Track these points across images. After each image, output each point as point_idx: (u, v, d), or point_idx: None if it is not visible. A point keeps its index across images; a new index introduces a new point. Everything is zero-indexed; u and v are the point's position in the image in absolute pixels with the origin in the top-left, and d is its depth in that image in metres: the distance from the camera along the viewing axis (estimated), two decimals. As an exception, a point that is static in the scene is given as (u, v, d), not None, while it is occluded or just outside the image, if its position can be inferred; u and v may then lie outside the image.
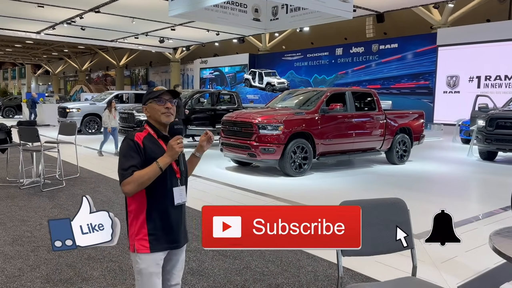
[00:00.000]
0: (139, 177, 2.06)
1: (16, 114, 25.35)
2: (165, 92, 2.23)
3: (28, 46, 40.76)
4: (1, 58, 52.38)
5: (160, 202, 2.15)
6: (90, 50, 41.03)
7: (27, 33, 26.19)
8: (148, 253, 2.14)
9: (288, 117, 7.92)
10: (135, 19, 20.54)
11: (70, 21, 22.06)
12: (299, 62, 25.00)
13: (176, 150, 2.06)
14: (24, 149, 7.05)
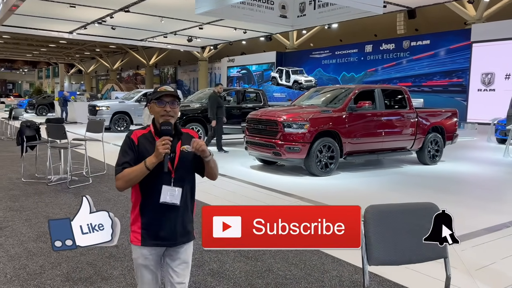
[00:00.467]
0: (128, 174, 2.13)
1: (49, 112, 26.06)
2: (166, 95, 2.21)
3: (62, 45, 41.89)
4: (36, 57, 54.10)
5: (152, 199, 2.18)
6: (121, 50, 41.77)
7: (60, 33, 26.87)
8: (138, 246, 2.23)
9: (314, 115, 7.73)
10: (163, 18, 20.72)
11: (101, 21, 22.48)
12: (327, 60, 24.61)
13: (160, 151, 2.07)
14: (52, 146, 7.15)
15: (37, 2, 18.34)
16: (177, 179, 2.20)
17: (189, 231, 2.30)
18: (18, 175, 7.52)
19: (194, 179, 2.35)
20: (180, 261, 2.30)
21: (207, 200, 6.06)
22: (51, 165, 7.38)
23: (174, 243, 2.26)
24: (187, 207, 2.28)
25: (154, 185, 2.17)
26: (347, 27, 21.74)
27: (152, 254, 2.25)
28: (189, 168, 2.26)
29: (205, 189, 6.70)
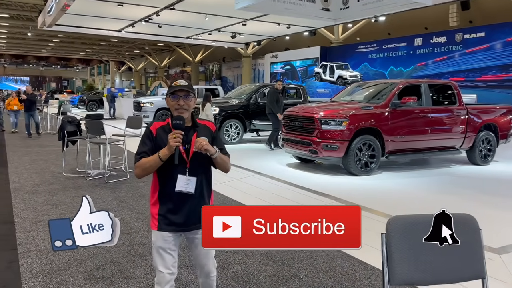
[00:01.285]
0: (144, 163, 2.27)
1: (98, 108, 27.04)
2: (179, 89, 2.29)
3: (113, 44, 43.34)
4: (89, 55, 56.35)
5: (168, 187, 2.31)
6: (169, 47, 42.63)
7: (110, 31, 27.72)
8: (156, 230, 2.36)
9: (353, 112, 7.39)
10: (207, 15, 20.81)
11: (147, 19, 22.93)
12: (373, 54, 23.78)
13: (171, 144, 2.17)
14: (91, 141, 7.29)
15: (86, 2, 18.95)
16: (191, 169, 2.31)
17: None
18: (60, 169, 7.74)
19: (209, 169, 2.43)
20: (198, 244, 2.35)
21: (237, 198, 5.93)
22: (90, 160, 7.54)
23: (189, 229, 2.37)
24: (202, 195, 2.37)
25: (171, 174, 2.29)
26: (396, 20, 20.84)
27: (169, 238, 2.35)
28: (204, 159, 2.33)
29: (236, 186, 6.59)
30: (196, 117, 2.46)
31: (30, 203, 5.58)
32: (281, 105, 10.11)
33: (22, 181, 6.88)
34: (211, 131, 2.43)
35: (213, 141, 2.38)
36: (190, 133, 2.32)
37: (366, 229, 4.62)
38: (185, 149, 2.30)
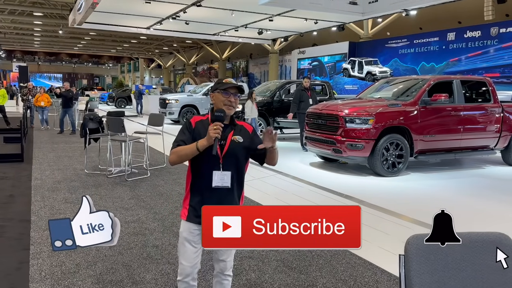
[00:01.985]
0: (180, 150, 2.35)
1: (127, 105, 27.40)
2: (232, 87, 2.40)
3: (142, 41, 43.93)
4: (120, 53, 57.32)
5: (200, 181, 2.39)
6: (197, 45, 42.83)
7: (138, 29, 28.03)
8: (184, 220, 2.44)
9: (380, 109, 7.07)
10: (234, 12, 20.69)
11: (175, 16, 23.02)
12: (404, 49, 23.04)
13: (211, 134, 2.23)
14: (112, 139, 7.26)
15: (115, 0, 19.18)
16: (225, 165, 2.37)
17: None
18: (83, 166, 7.76)
19: (242, 167, 2.47)
20: None
21: (256, 198, 5.75)
22: (111, 158, 7.53)
23: None
24: (232, 192, 2.41)
25: (204, 169, 2.38)
26: (428, 14, 20.12)
27: (195, 230, 2.39)
28: (238, 156, 2.40)
29: (257, 186, 6.41)
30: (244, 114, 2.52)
31: (48, 201, 5.57)
32: (305, 105, 9.40)
33: (44, 178, 6.92)
34: (248, 132, 2.48)
35: (252, 141, 2.43)
36: (227, 131, 2.40)
37: (388, 234, 4.35)
38: (220, 144, 2.36)
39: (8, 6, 27.24)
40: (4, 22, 32.65)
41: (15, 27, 36.36)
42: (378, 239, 4.27)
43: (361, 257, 3.84)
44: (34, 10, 28.84)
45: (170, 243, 4.13)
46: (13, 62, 53.53)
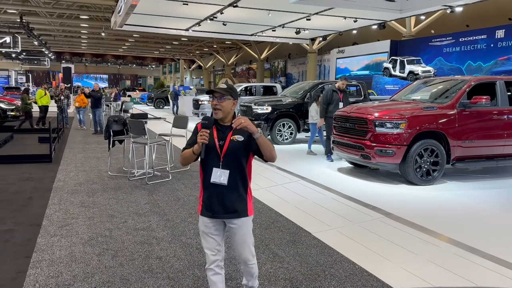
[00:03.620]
0: (184, 153, 2.66)
1: (165, 105, 27.78)
2: (215, 91, 2.58)
3: (184, 43, 44.61)
4: (163, 54, 58.54)
5: (207, 177, 2.61)
6: (236, 45, 42.98)
7: (177, 31, 28.37)
8: (200, 215, 2.70)
9: (413, 113, 6.56)
10: (270, 12, 20.45)
11: (212, 17, 23.06)
12: (449, 48, 21.90)
13: (198, 140, 2.50)
14: (134, 141, 7.19)
15: (152, 1, 19.42)
16: (225, 163, 2.56)
17: (236, 209, 2.62)
18: (108, 168, 7.76)
19: (244, 164, 2.63)
20: (237, 235, 2.67)
21: (275, 206, 5.46)
22: (134, 160, 7.47)
23: (224, 216, 2.63)
24: (236, 187, 2.60)
25: (209, 167, 2.59)
26: (475, 10, 19.00)
27: (208, 223, 2.65)
28: (238, 154, 2.57)
29: (277, 193, 6.11)
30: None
31: (65, 204, 5.53)
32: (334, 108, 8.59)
33: (67, 180, 6.94)
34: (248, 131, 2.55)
35: (249, 140, 2.55)
36: (227, 131, 2.59)
37: (415, 254, 3.92)
38: (220, 145, 2.56)
39: (56, 9, 28.36)
40: (53, 25, 34.07)
41: (63, 30, 37.88)
42: (402, 258, 3.87)
43: (380, 278, 3.46)
44: (81, 13, 29.87)
45: (175, 255, 3.91)
46: (62, 64, 55.93)
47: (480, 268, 3.66)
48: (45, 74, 63.97)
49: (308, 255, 3.94)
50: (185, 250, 4.04)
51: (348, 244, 4.22)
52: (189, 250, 4.04)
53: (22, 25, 25.85)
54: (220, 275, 2.68)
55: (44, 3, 27.07)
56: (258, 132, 2.48)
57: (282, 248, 4.09)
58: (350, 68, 27.76)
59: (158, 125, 13.75)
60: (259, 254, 3.89)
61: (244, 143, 2.56)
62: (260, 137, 2.49)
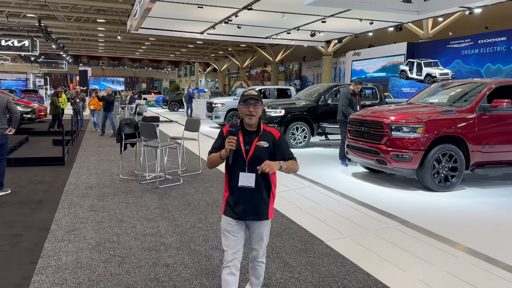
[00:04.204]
0: (210, 157, 2.75)
1: (179, 108, 27.85)
2: (250, 98, 2.67)
3: (199, 46, 44.76)
4: (178, 57, 58.93)
5: (232, 181, 2.73)
6: (251, 48, 42.98)
7: (193, 34, 28.46)
8: (223, 214, 2.80)
9: (431, 117, 6.35)
10: (285, 14, 20.35)
11: (227, 20, 23.06)
12: (467, 50, 21.46)
13: (226, 146, 2.60)
14: (145, 144, 7.13)
15: (167, 4, 19.48)
16: (250, 167, 2.67)
17: (259, 212, 2.75)
18: (119, 171, 7.72)
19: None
20: (255, 234, 2.81)
21: (287, 212, 5.32)
22: (146, 163, 7.41)
23: (246, 218, 2.75)
24: (260, 190, 2.72)
25: (234, 171, 2.70)
26: (494, 12, 18.56)
27: (231, 222, 2.75)
28: (263, 159, 2.63)
29: (290, 198, 5.97)
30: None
31: (74, 208, 5.48)
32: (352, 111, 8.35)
33: (79, 183, 6.91)
34: (274, 137, 2.73)
35: (274, 147, 2.70)
36: (253, 137, 2.70)
37: (432, 264, 3.72)
38: (246, 149, 2.67)
39: (74, 13, 28.75)
40: (71, 28, 34.56)
41: (81, 33, 38.39)
42: (419, 269, 3.69)
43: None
44: (98, 17, 30.22)
45: (182, 262, 3.81)
46: (79, 67, 56.72)
47: (500, 280, 3.47)
48: (63, 77, 64.95)
49: (320, 264, 3.79)
50: (193, 257, 3.93)
51: (362, 254, 4.06)
52: (197, 257, 3.93)
53: (41, 28, 26.24)
54: (235, 276, 2.70)
55: (62, 7, 27.46)
56: (282, 167, 2.64)
57: (293, 257, 3.95)
58: (366, 70, 27.48)
59: (172, 127, 13.74)
60: (269, 263, 3.76)
61: (269, 149, 2.70)
62: (285, 168, 2.66)
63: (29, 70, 53.13)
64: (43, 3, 24.85)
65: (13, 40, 28.16)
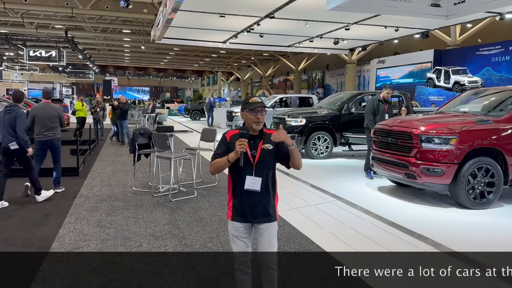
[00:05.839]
0: (216, 162, 2.78)
1: (201, 117, 27.77)
2: (258, 106, 2.73)
3: (222, 55, 44.93)
4: (202, 67, 59.37)
5: (238, 185, 2.78)
6: (273, 57, 42.85)
7: (215, 43, 28.44)
8: (230, 220, 2.85)
9: (466, 127, 5.82)
10: (308, 22, 20.01)
11: (249, 29, 22.89)
12: (498, 57, 20.59)
13: (236, 149, 2.64)
14: (158, 155, 6.83)
15: (189, 14, 19.42)
16: (257, 171, 2.74)
17: (268, 213, 2.81)
18: (133, 183, 7.45)
19: (274, 171, 2.86)
20: (264, 236, 2.82)
21: (306, 230, 4.88)
22: (159, 175, 7.11)
23: (256, 221, 2.80)
24: (267, 192, 2.80)
25: (240, 175, 2.75)
26: (528, 16, 17.66)
27: (239, 228, 2.81)
28: (269, 162, 2.78)
29: (310, 215, 5.52)
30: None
31: (80, 223, 5.20)
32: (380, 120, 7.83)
33: (90, 195, 6.66)
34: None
35: (277, 147, 2.77)
36: (257, 141, 2.77)
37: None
38: (252, 154, 2.74)
39: (100, 24, 29.21)
40: (97, 39, 35.15)
41: (107, 44, 39.04)
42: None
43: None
44: (123, 28, 30.60)
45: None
46: (106, 77, 57.71)
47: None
48: (90, 86, 66.24)
49: (343, 295, 3.34)
50: (199, 283, 3.54)
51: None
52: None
53: (67, 39, 26.71)
54: (248, 275, 2.83)
55: (89, 18, 27.91)
56: (294, 144, 2.71)
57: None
58: (392, 77, 26.77)
59: (191, 137, 13.48)
60: (284, 292, 3.33)
61: (273, 151, 2.77)
62: (294, 149, 2.72)
63: (57, 80, 54.37)
64: (71, 15, 25.29)
65: (41, 50, 28.75)
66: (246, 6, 17.41)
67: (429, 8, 9.91)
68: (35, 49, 28.78)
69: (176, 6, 15.09)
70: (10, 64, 45.06)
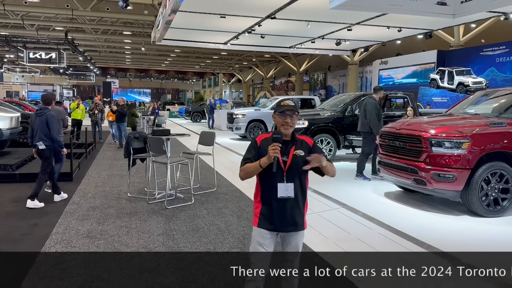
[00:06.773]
0: (247, 167, 2.72)
1: (202, 119, 27.50)
2: (288, 109, 2.71)
3: (223, 57, 44.69)
4: (203, 69, 59.11)
5: (267, 192, 2.73)
6: (275, 58, 42.62)
7: (216, 44, 28.17)
8: (256, 227, 2.78)
9: (478, 130, 5.50)
10: (310, 23, 19.74)
11: (250, 30, 22.62)
12: (502, 57, 20.28)
13: (270, 154, 2.59)
14: (154, 161, 6.53)
15: (189, 15, 19.15)
16: (288, 177, 2.70)
17: (297, 222, 2.75)
18: (128, 189, 7.14)
19: (305, 178, 2.78)
20: (291, 245, 2.78)
21: (311, 242, 4.52)
22: (155, 181, 6.80)
23: (284, 229, 2.74)
24: (297, 201, 2.73)
25: (271, 181, 2.70)
26: (533, 15, 17.33)
27: (265, 235, 2.73)
28: (300, 169, 2.69)
29: (314, 224, 5.19)
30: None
31: (69, 234, 4.89)
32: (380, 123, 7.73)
33: (82, 202, 6.35)
34: (309, 145, 2.75)
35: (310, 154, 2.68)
36: (289, 146, 2.71)
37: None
38: (283, 160, 2.68)
39: (101, 26, 29.00)
40: (98, 41, 34.93)
41: (108, 46, 38.81)
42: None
43: None
44: (124, 29, 30.37)
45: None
46: (107, 79, 57.49)
47: None
48: (91, 88, 66.06)
49: (351, 318, 3.03)
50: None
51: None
52: None
53: (67, 41, 26.49)
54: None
55: (90, 20, 27.68)
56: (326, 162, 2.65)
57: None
58: (394, 77, 26.46)
59: (190, 139, 13.16)
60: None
61: (305, 158, 2.68)
62: (327, 165, 2.65)
63: (58, 82, 54.17)
64: (71, 17, 25.08)
65: (41, 52, 28.55)
66: (246, 6, 17.13)
67: (435, 6, 9.59)
68: (35, 51, 28.60)
69: (175, 7, 14.82)
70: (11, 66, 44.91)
